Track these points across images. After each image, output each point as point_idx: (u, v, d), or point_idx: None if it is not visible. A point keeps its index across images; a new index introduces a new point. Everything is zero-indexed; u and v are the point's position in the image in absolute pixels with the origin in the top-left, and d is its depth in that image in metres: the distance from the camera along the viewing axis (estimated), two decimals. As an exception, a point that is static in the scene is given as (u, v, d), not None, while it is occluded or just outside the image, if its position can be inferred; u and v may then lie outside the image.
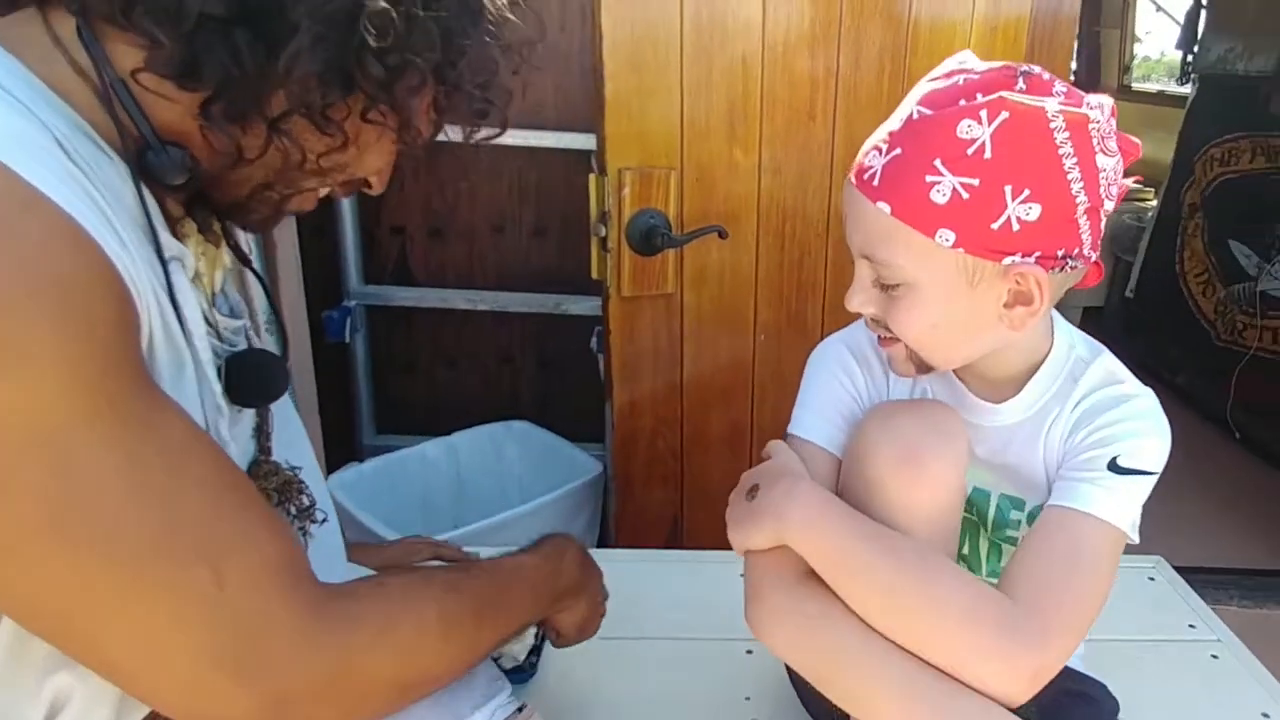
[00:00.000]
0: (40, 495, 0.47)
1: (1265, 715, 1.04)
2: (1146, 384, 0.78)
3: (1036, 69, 0.69)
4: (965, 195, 0.65)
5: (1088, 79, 4.20)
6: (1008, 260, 0.67)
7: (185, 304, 0.56)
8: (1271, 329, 2.86)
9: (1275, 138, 2.95)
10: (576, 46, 1.95)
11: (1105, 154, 0.67)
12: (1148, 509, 0.73)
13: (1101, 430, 0.73)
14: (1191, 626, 1.22)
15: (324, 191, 0.66)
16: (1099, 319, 3.81)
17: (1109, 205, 0.70)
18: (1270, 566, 2.26)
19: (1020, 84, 0.67)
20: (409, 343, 2.31)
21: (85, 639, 0.52)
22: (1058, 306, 0.77)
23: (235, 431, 0.65)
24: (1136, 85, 4.38)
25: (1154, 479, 0.73)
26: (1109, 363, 0.78)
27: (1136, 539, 0.73)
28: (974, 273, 0.68)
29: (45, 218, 0.47)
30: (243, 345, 0.68)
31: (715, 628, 1.14)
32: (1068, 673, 0.77)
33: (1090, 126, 0.66)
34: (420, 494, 2.02)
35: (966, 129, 0.65)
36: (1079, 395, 0.76)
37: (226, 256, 0.69)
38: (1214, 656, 1.15)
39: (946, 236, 0.67)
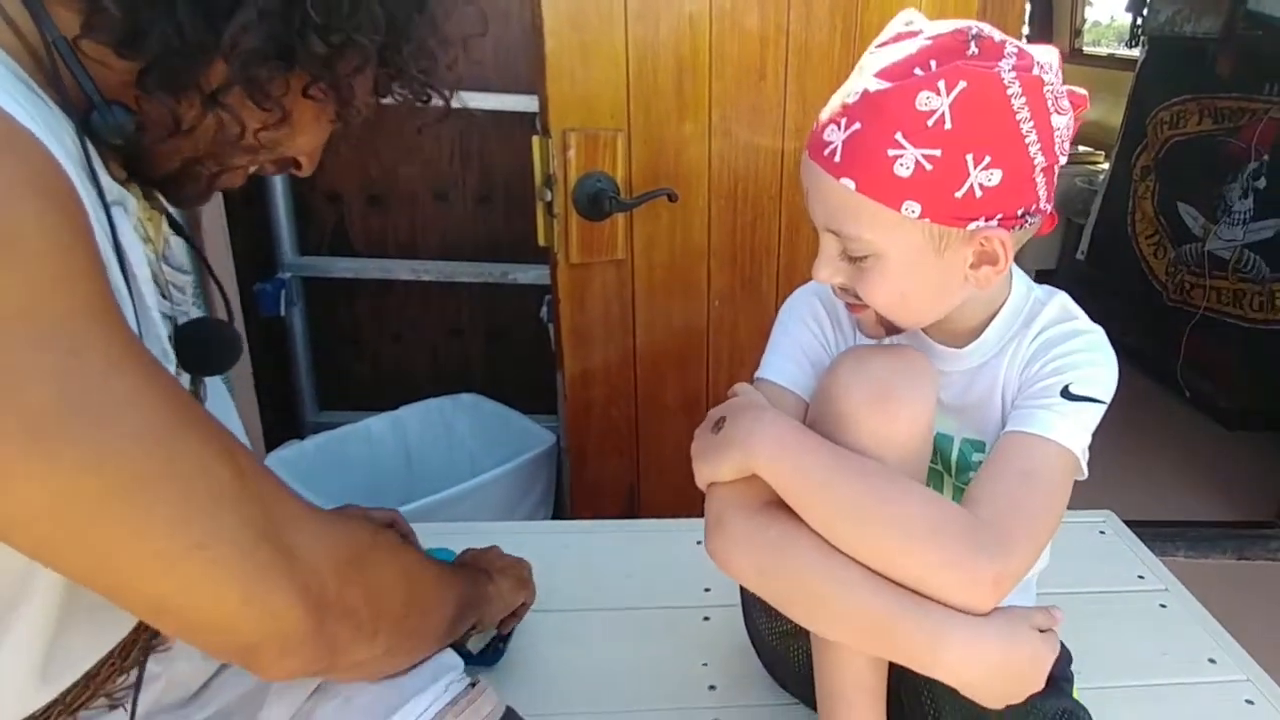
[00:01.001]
0: (53, 384, 0.46)
1: (1212, 660, 1.08)
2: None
3: (986, 29, 0.69)
4: (929, 167, 0.66)
5: (1040, 43, 4.20)
6: (972, 225, 0.69)
7: (129, 247, 0.56)
8: (1218, 289, 2.91)
9: (1221, 99, 2.98)
10: (516, 2, 1.87)
11: (1058, 113, 0.69)
12: (1099, 465, 0.76)
13: (1056, 360, 0.76)
14: (1140, 578, 1.26)
15: (253, 169, 0.67)
16: (1051, 281, 3.84)
17: (1063, 160, 0.72)
18: (1214, 518, 2.33)
19: (972, 48, 0.68)
20: (350, 316, 2.25)
21: (110, 555, 0.50)
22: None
23: None
24: (1087, 49, 4.39)
25: (1103, 408, 0.75)
26: (1063, 300, 0.82)
27: (1085, 471, 0.76)
28: (940, 240, 0.70)
29: (11, 132, 0.47)
30: (187, 306, 0.69)
31: (672, 596, 1.15)
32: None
33: (1045, 89, 0.67)
34: (367, 471, 1.97)
35: (925, 100, 0.65)
36: (1036, 330, 0.79)
37: (165, 226, 0.69)
38: (1162, 606, 1.19)
39: (912, 208, 0.68)
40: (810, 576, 0.71)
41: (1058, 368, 0.75)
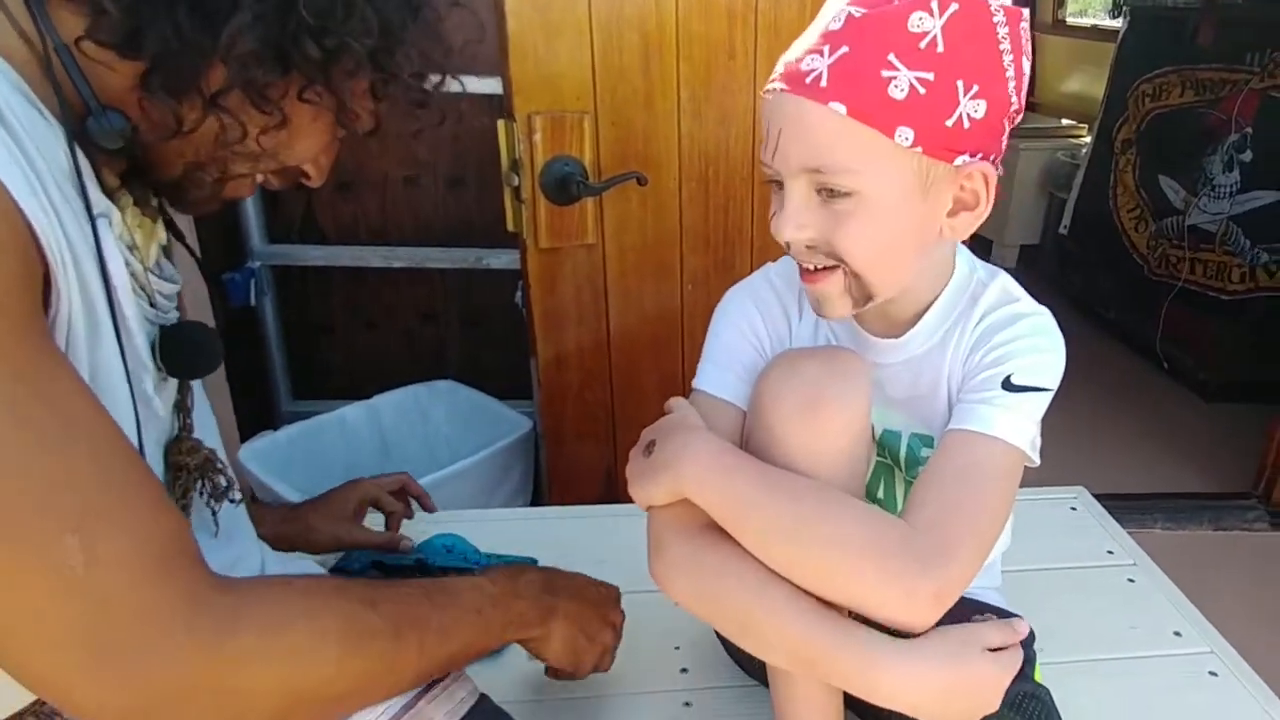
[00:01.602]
0: None
1: (1177, 633, 1.09)
2: (1079, 319, 0.79)
3: None
4: (922, 90, 0.64)
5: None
6: (959, 160, 0.67)
7: (110, 259, 0.57)
8: (1203, 261, 2.90)
9: (1202, 70, 2.96)
10: (484, -19, 1.84)
11: (1027, 57, 0.68)
12: (1077, 438, 0.74)
13: (997, 349, 0.73)
14: (1110, 552, 1.26)
15: (259, 179, 0.67)
16: (1035, 256, 3.85)
17: (1019, 118, 0.70)
18: (1192, 490, 2.34)
19: None
20: (323, 304, 2.23)
21: None
22: (999, 245, 0.76)
23: (162, 398, 0.66)
24: (1071, 20, 4.36)
25: (1049, 395, 0.73)
26: (1006, 282, 0.79)
27: (1037, 459, 0.73)
28: (928, 175, 0.67)
29: None
30: (174, 315, 0.69)
31: (645, 580, 1.14)
32: (983, 608, 0.78)
33: (1021, 25, 0.67)
34: (342, 460, 1.96)
35: (918, 21, 0.63)
36: (978, 315, 0.76)
37: (161, 231, 0.69)
38: (1130, 580, 1.20)
39: (906, 135, 0.65)
40: (747, 602, 0.69)
41: (998, 357, 0.73)
